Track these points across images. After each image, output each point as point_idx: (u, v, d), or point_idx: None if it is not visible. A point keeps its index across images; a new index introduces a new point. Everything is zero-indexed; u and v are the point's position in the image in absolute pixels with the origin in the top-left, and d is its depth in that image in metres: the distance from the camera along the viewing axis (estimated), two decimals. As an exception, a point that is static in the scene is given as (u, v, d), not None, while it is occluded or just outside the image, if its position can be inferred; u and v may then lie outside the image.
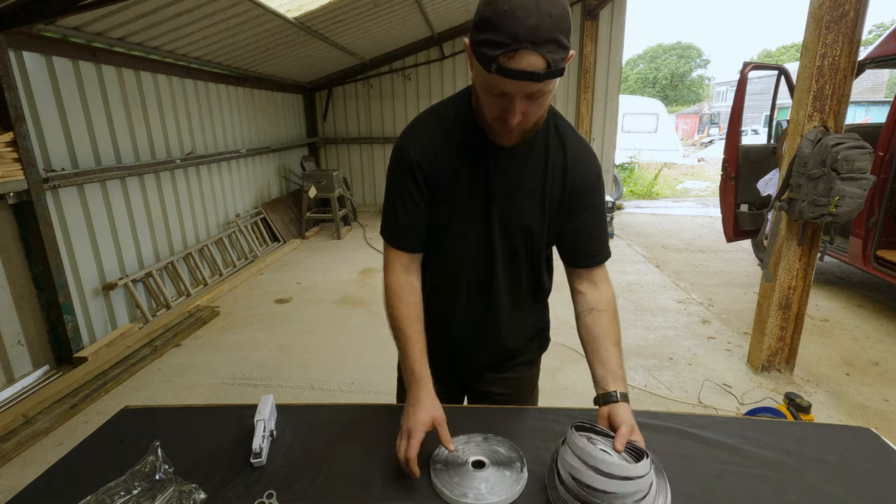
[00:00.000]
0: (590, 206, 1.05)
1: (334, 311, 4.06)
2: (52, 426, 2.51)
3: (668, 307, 4.03)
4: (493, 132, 0.94)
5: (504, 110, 0.86)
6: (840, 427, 1.13)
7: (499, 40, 0.76)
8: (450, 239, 1.07)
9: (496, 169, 1.00)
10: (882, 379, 2.90)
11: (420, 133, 1.02)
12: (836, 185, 2.38)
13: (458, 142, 1.00)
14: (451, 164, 1.01)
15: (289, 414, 1.14)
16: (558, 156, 1.02)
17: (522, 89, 0.81)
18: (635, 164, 12.47)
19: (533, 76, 0.78)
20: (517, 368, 1.23)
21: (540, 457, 0.98)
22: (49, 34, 3.08)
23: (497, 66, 0.78)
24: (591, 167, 1.05)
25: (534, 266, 1.13)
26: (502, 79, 0.79)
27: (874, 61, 3.88)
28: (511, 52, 0.76)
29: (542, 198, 1.03)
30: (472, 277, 1.10)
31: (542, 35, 0.75)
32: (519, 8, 0.74)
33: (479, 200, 1.02)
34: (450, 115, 1.02)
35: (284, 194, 6.90)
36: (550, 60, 0.77)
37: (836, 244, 4.06)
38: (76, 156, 3.33)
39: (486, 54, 0.78)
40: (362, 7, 4.92)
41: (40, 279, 2.99)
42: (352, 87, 7.92)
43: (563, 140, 1.03)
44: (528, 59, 0.76)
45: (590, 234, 1.08)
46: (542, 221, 1.05)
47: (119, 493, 0.85)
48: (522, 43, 0.75)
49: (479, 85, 0.88)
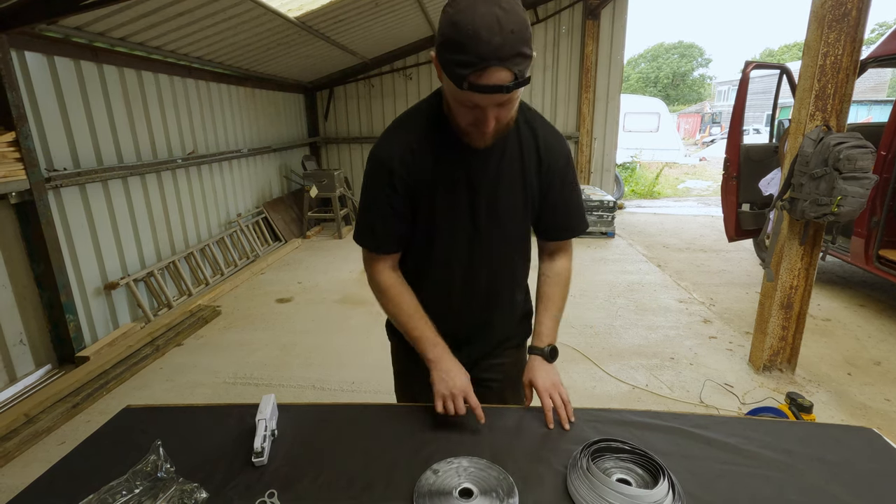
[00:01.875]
0: (564, 185, 1.14)
1: (335, 311, 4.06)
2: (54, 425, 2.51)
3: (669, 307, 4.03)
4: (468, 136, 0.99)
5: (478, 119, 0.91)
6: (842, 427, 1.12)
7: (467, 60, 0.81)
8: (438, 240, 1.11)
9: (476, 167, 1.05)
10: (884, 379, 2.90)
11: (396, 141, 1.06)
12: (838, 184, 2.37)
13: (435, 146, 1.04)
14: (431, 168, 1.05)
15: (290, 413, 1.14)
16: (531, 144, 1.09)
17: (494, 100, 0.87)
18: (637, 163, 12.45)
19: (502, 89, 0.83)
20: (508, 352, 1.31)
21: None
22: (51, 34, 3.09)
23: (468, 84, 0.83)
24: (562, 149, 1.13)
25: (519, 254, 1.20)
26: (473, 94, 0.85)
27: (876, 60, 3.87)
28: (480, 71, 0.81)
29: (523, 187, 1.10)
30: (464, 274, 1.15)
31: (507, 52, 0.80)
32: (483, 29, 0.79)
33: (463, 199, 1.07)
34: (422, 121, 1.06)
35: (286, 194, 6.91)
36: (517, 72, 0.83)
37: (838, 244, 4.05)
38: (78, 155, 3.34)
39: (457, 73, 0.83)
40: (363, 7, 4.92)
41: (42, 279, 3.00)
42: (353, 87, 7.92)
43: (534, 129, 1.09)
44: (497, 75, 0.82)
45: (563, 212, 1.17)
46: (524, 209, 1.12)
47: (121, 493, 0.86)
48: (490, 61, 0.80)
49: (452, 98, 0.93)
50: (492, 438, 1.06)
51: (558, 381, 1.15)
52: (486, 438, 1.06)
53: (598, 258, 5.48)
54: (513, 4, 0.82)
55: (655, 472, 0.90)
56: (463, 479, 0.91)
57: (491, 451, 1.01)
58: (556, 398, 1.11)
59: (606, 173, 8.06)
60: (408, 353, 1.26)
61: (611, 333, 3.52)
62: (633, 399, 2.69)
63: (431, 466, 0.94)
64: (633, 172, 11.67)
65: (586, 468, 0.90)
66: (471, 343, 1.23)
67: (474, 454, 0.99)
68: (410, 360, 1.26)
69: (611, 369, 3.00)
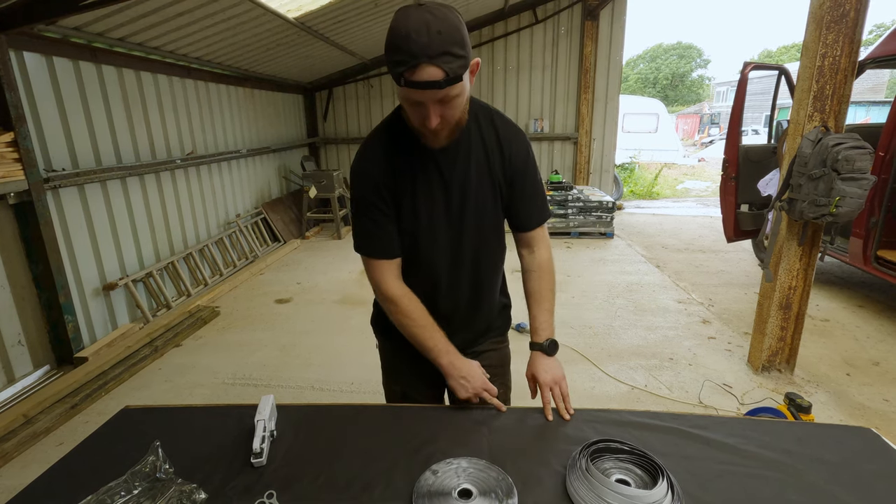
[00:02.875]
0: (525, 174, 1.20)
1: (335, 311, 4.06)
2: (52, 426, 2.51)
3: (668, 307, 4.03)
4: (424, 137, 1.06)
5: (423, 116, 0.98)
6: (841, 427, 1.12)
7: (401, 59, 0.90)
8: (421, 241, 1.17)
9: (445, 167, 1.12)
10: (883, 379, 2.90)
11: (371, 155, 1.14)
12: (836, 185, 2.37)
13: (405, 154, 1.12)
14: (406, 174, 1.12)
15: (289, 414, 1.14)
16: (493, 140, 1.16)
17: (431, 97, 0.94)
18: (635, 164, 12.46)
19: (435, 84, 0.91)
20: (491, 342, 1.38)
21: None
22: (50, 34, 3.09)
23: (405, 80, 0.92)
24: (522, 143, 1.20)
25: (496, 244, 1.27)
26: (412, 90, 0.93)
27: (875, 61, 3.88)
28: (412, 68, 0.90)
29: (490, 180, 1.17)
30: (448, 271, 1.21)
31: (434, 50, 0.88)
32: (413, 31, 0.88)
33: (439, 199, 1.14)
34: (390, 133, 1.14)
35: (285, 194, 6.90)
36: (447, 70, 0.90)
37: (836, 244, 4.06)
38: (77, 156, 3.33)
39: (396, 72, 0.92)
40: (362, 7, 4.92)
41: (41, 279, 2.99)
42: (352, 87, 7.92)
43: (495, 126, 1.17)
44: (428, 71, 0.90)
45: (528, 201, 1.23)
46: (495, 201, 1.19)
47: (120, 493, 0.85)
48: (419, 58, 0.89)
49: (400, 98, 1.02)
50: (491, 439, 1.06)
51: (560, 376, 1.21)
52: (486, 439, 1.06)
53: (597, 259, 5.49)
54: (444, 12, 0.91)
55: (654, 472, 0.91)
56: (462, 480, 0.91)
57: (490, 451, 1.01)
58: (556, 392, 1.18)
59: (605, 174, 8.07)
60: (395, 352, 1.34)
61: (610, 334, 3.52)
62: (632, 399, 2.69)
63: (431, 467, 0.94)
64: (631, 173, 11.69)
65: (585, 468, 0.90)
66: (456, 335, 1.27)
67: (473, 455, 0.99)
68: (397, 357, 1.34)
69: (610, 370, 3.00)
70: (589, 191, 6.85)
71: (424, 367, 1.24)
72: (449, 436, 1.06)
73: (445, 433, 1.07)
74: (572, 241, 6.25)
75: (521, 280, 1.32)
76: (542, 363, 1.23)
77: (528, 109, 7.78)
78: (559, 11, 7.35)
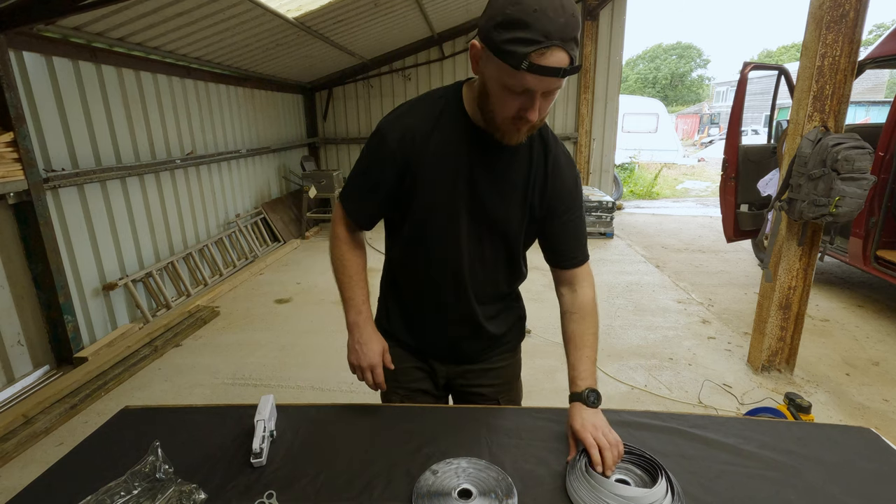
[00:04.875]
0: (571, 209, 1.11)
1: (334, 311, 4.06)
2: (52, 426, 2.51)
3: (668, 307, 4.03)
4: (502, 131, 0.94)
5: (523, 108, 0.88)
6: (840, 427, 1.12)
7: (532, 38, 0.78)
8: (431, 233, 1.08)
9: (479, 167, 1.03)
10: (882, 379, 2.90)
11: (402, 123, 1.03)
12: (836, 185, 2.38)
13: (442, 136, 1.02)
14: (432, 158, 1.02)
15: (289, 414, 1.14)
16: (541, 160, 1.06)
17: (547, 86, 0.84)
18: (635, 164, 12.47)
19: (559, 72, 0.81)
20: (502, 356, 1.28)
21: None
22: (49, 34, 3.08)
23: (528, 64, 0.80)
24: (571, 173, 1.10)
25: (511, 259, 1.16)
26: (530, 76, 0.82)
27: (874, 61, 3.88)
28: (543, 49, 0.79)
29: (523, 198, 1.07)
30: (455, 270, 1.12)
31: (569, 33, 0.80)
32: (549, 9, 0.78)
33: (461, 196, 1.04)
34: (436, 108, 1.03)
35: (284, 194, 6.90)
36: (573, 57, 0.82)
37: (836, 244, 4.06)
38: (76, 156, 3.33)
39: (517, 52, 0.80)
40: (362, 7, 4.92)
41: (40, 279, 2.99)
42: (352, 87, 7.92)
43: (547, 145, 1.07)
44: (558, 56, 0.80)
45: (571, 237, 1.14)
46: (521, 220, 1.09)
47: (119, 494, 0.85)
48: (554, 40, 0.79)
49: (497, 84, 0.88)
50: (491, 439, 1.05)
51: (601, 424, 0.99)
52: (486, 439, 1.06)
53: (597, 259, 5.49)
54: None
55: (654, 471, 0.90)
56: (462, 480, 0.91)
57: (490, 451, 1.01)
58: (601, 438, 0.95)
59: (605, 174, 8.07)
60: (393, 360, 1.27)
61: (609, 334, 3.52)
62: (631, 399, 2.69)
63: (430, 467, 0.94)
64: (631, 173, 11.69)
65: (585, 469, 0.90)
66: (460, 344, 1.22)
67: (473, 455, 0.99)
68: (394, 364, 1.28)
69: (610, 370, 3.00)
70: (589, 191, 6.85)
71: (437, 377, 1.24)
72: (449, 436, 1.06)
73: (445, 433, 1.07)
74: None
75: None
76: (580, 413, 1.02)
77: (527, 109, 7.78)
78: (559, 11, 7.35)
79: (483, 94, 0.93)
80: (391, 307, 1.25)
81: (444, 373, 1.27)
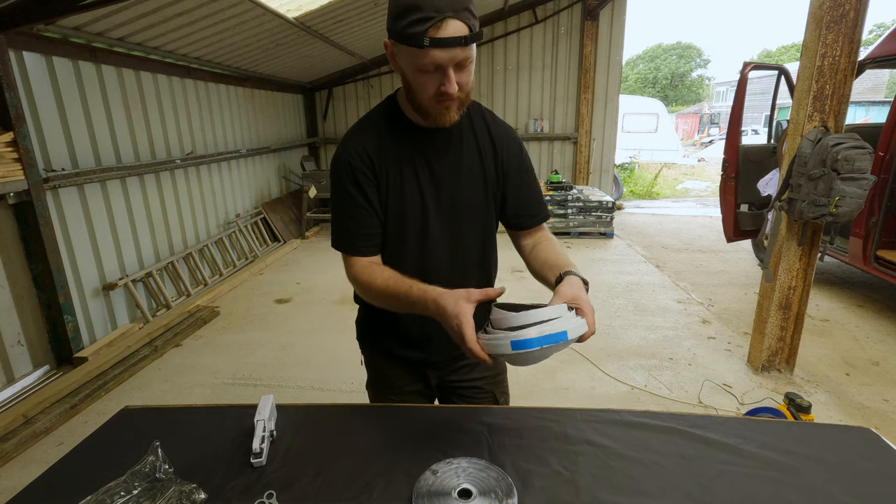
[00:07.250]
0: (522, 171, 1.17)
1: (334, 311, 4.06)
2: (52, 426, 2.51)
3: (668, 307, 4.03)
4: (433, 114, 0.99)
5: (441, 83, 0.93)
6: (840, 427, 1.12)
7: (425, 16, 0.85)
8: (409, 233, 1.12)
9: (434, 159, 1.09)
10: (882, 379, 2.90)
11: (352, 145, 1.08)
12: (836, 185, 2.38)
13: (394, 143, 1.07)
14: (392, 164, 1.07)
15: (289, 414, 1.14)
16: (485, 133, 1.14)
17: (453, 57, 0.90)
18: (635, 164, 12.47)
19: (460, 41, 0.88)
20: None
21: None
22: (49, 34, 3.08)
23: (429, 39, 0.87)
24: (514, 140, 1.17)
25: (487, 241, 1.20)
26: (435, 50, 0.88)
27: (874, 61, 3.88)
28: (438, 23, 0.86)
29: (482, 175, 1.13)
30: (438, 264, 1.14)
31: (459, 4, 0.87)
32: None
33: (429, 191, 1.09)
34: (379, 122, 1.09)
35: (284, 194, 6.90)
36: (471, 25, 0.88)
37: (836, 244, 4.06)
38: (76, 156, 3.33)
39: (416, 32, 0.87)
40: (362, 7, 4.92)
41: (40, 279, 2.99)
42: (352, 87, 7.92)
43: (486, 120, 1.15)
44: (454, 26, 0.87)
45: (529, 196, 1.19)
46: (486, 196, 1.15)
47: (119, 494, 0.85)
48: (446, 13, 0.85)
49: (412, 69, 0.94)
50: (491, 439, 1.05)
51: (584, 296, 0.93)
52: (485, 439, 1.06)
53: (597, 259, 5.49)
54: None
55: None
56: (462, 480, 0.91)
57: (490, 451, 1.01)
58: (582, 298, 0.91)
59: (605, 174, 8.07)
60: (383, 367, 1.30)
61: (609, 334, 3.52)
62: (631, 399, 2.69)
63: (430, 467, 0.94)
64: (631, 173, 11.69)
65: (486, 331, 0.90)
66: (443, 338, 1.16)
67: (473, 455, 0.99)
68: (386, 371, 1.30)
69: (609, 370, 3.00)
70: (589, 191, 6.85)
71: (413, 379, 1.25)
72: (449, 436, 1.06)
73: (445, 433, 1.07)
74: (572, 241, 6.25)
75: (520, 281, 1.25)
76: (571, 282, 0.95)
77: (527, 109, 7.79)
78: (559, 11, 7.35)
79: (407, 86, 1.01)
80: (373, 316, 1.26)
81: (434, 372, 1.27)
